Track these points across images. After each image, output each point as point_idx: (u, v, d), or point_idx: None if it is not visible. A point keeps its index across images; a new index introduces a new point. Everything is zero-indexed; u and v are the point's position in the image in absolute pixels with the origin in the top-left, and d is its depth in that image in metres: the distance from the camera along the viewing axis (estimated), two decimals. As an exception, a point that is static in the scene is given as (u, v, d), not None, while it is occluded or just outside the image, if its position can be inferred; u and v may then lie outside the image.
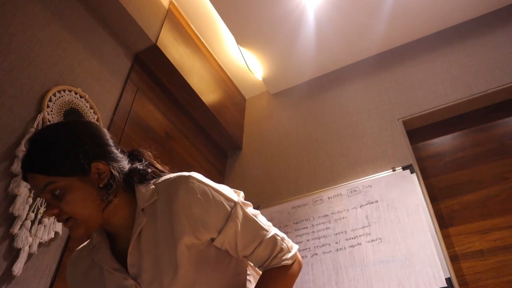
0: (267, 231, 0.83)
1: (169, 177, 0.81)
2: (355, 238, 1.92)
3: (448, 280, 1.61)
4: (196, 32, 2.65)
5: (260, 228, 0.82)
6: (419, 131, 2.29)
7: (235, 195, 0.83)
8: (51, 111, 1.48)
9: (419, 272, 1.68)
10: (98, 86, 1.76)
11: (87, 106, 1.65)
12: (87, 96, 1.66)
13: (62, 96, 1.55)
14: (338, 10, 2.38)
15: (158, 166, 0.88)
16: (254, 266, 0.87)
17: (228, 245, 0.80)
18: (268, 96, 3.04)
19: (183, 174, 0.79)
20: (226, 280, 0.81)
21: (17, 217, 1.24)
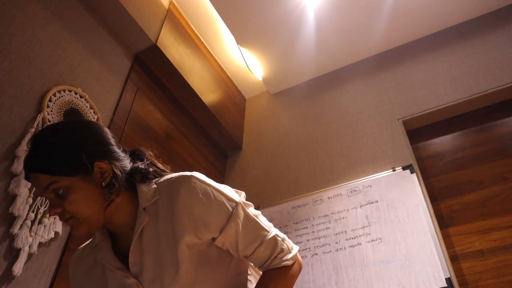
0: (268, 232, 0.83)
1: (171, 177, 0.81)
2: (355, 238, 1.92)
3: (448, 280, 1.61)
4: (196, 32, 2.65)
5: (261, 229, 0.82)
6: (419, 131, 2.29)
7: (237, 196, 0.83)
8: (51, 111, 1.48)
9: (419, 272, 1.68)
10: (98, 86, 1.76)
11: (87, 106, 1.65)
12: (87, 96, 1.66)
13: (62, 96, 1.55)
14: (338, 10, 2.38)
15: (160, 166, 0.88)
16: (255, 266, 0.87)
17: (229, 245, 0.80)
18: (268, 96, 3.05)
19: (185, 174, 0.79)
20: (227, 280, 0.82)
21: (17, 217, 1.24)
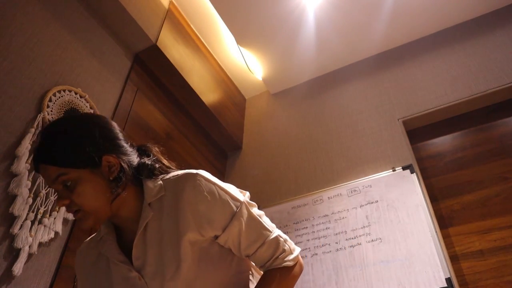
0: (271, 232, 0.84)
1: (177, 174, 0.82)
2: (355, 238, 1.92)
3: (448, 280, 1.61)
4: (196, 32, 2.65)
5: (264, 229, 0.83)
6: (419, 131, 2.29)
7: (241, 195, 0.84)
8: (51, 111, 1.48)
9: (419, 272, 1.68)
10: (98, 86, 1.76)
11: (87, 106, 1.65)
12: (87, 96, 1.66)
13: (62, 96, 1.55)
14: (338, 10, 2.38)
15: (165, 162, 0.90)
16: (256, 266, 0.87)
17: (232, 244, 0.81)
18: (268, 96, 3.05)
19: (191, 172, 0.81)
20: (228, 278, 0.82)
21: (17, 217, 1.24)
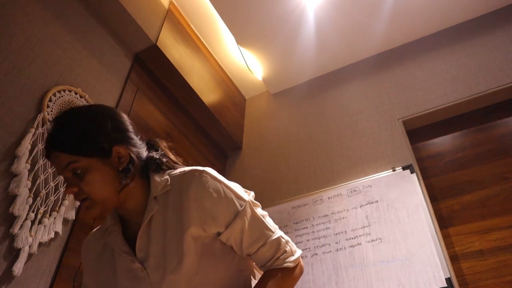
0: (273, 233, 0.84)
1: (184, 170, 0.84)
2: (355, 238, 1.92)
3: (448, 280, 1.61)
4: (196, 32, 2.65)
5: (267, 229, 0.84)
6: (419, 131, 2.29)
7: (246, 195, 0.86)
8: (51, 111, 1.48)
9: (419, 272, 1.68)
10: (98, 86, 1.76)
11: (87, 106, 1.65)
12: (87, 96, 1.66)
13: (62, 96, 1.55)
14: (338, 10, 2.38)
15: (172, 157, 0.91)
16: (256, 266, 0.87)
17: (234, 241, 0.81)
18: (268, 96, 3.05)
19: (198, 168, 0.82)
20: (229, 275, 0.83)
21: (17, 217, 1.24)
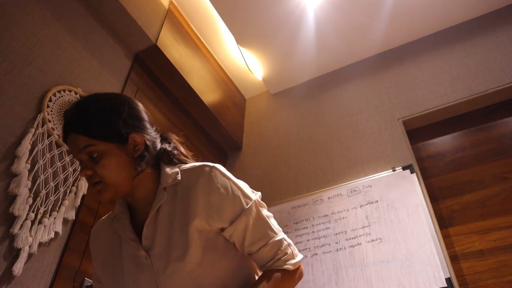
0: (276, 234, 0.85)
1: (194, 165, 0.86)
2: (355, 238, 1.92)
3: (448, 280, 1.61)
4: (196, 32, 2.65)
5: (270, 229, 0.85)
6: (419, 131, 2.29)
7: (253, 194, 0.88)
8: (51, 111, 1.48)
9: (419, 272, 1.68)
10: (98, 86, 1.76)
11: (87, 106, 1.65)
12: (87, 96, 1.66)
13: (62, 96, 1.55)
14: (338, 10, 2.38)
15: (183, 150, 0.93)
16: (256, 265, 0.87)
17: (236, 238, 0.82)
18: (268, 96, 3.05)
19: (208, 164, 0.85)
20: (230, 271, 0.83)
21: (17, 217, 1.24)
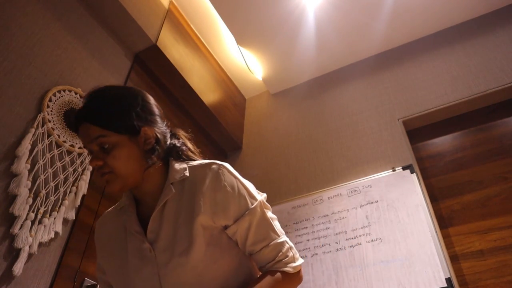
0: (279, 236, 0.85)
1: (203, 162, 0.87)
2: (355, 238, 1.92)
3: (448, 280, 1.61)
4: (196, 32, 2.65)
5: (273, 231, 0.85)
6: (419, 131, 2.29)
7: (258, 195, 0.88)
8: (51, 111, 1.48)
9: (419, 272, 1.68)
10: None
11: (87, 106, 1.65)
12: (87, 96, 1.66)
13: (62, 96, 1.55)
14: (338, 10, 2.38)
15: (190, 147, 0.94)
16: (256, 265, 0.87)
17: (239, 237, 0.83)
18: (268, 96, 3.05)
19: (216, 162, 0.86)
20: (231, 269, 0.83)
21: (17, 217, 1.24)
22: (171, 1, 2.38)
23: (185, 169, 0.85)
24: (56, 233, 1.37)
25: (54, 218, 1.37)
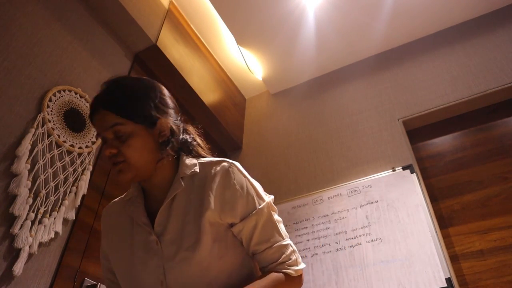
0: (283, 239, 0.86)
1: (214, 159, 0.88)
2: (355, 238, 1.92)
3: (448, 280, 1.61)
4: (196, 32, 2.65)
5: (278, 233, 0.85)
6: (419, 131, 2.29)
7: (266, 197, 0.89)
8: (51, 111, 1.48)
9: (419, 272, 1.68)
10: (98, 86, 1.75)
11: (87, 106, 1.65)
12: (87, 96, 1.66)
13: (62, 96, 1.55)
14: (338, 10, 2.38)
15: (199, 142, 0.94)
16: (258, 266, 0.88)
17: (244, 235, 0.83)
18: (268, 96, 3.05)
19: (228, 160, 0.87)
20: (235, 266, 0.84)
21: (17, 217, 1.24)
22: (171, 1, 2.38)
23: (195, 165, 0.86)
24: (56, 233, 1.37)
25: (54, 218, 1.37)
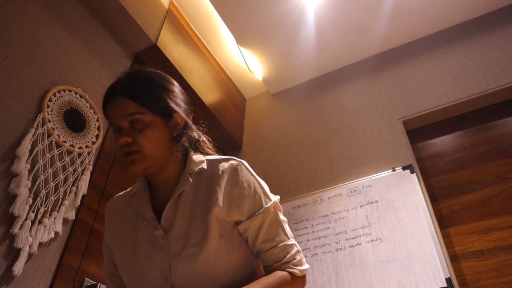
0: (288, 238, 0.86)
1: (222, 157, 0.89)
2: (355, 238, 1.92)
3: (448, 280, 1.61)
4: (196, 32, 2.65)
5: (284, 233, 0.86)
6: (419, 131, 2.29)
7: (273, 196, 0.90)
8: (51, 111, 1.48)
9: (419, 272, 1.68)
10: (98, 86, 1.76)
11: (87, 106, 1.65)
12: (87, 96, 1.66)
13: (62, 96, 1.55)
14: (338, 10, 2.38)
15: (205, 139, 0.96)
16: (263, 265, 0.88)
17: (250, 233, 0.84)
18: (268, 96, 3.05)
19: (236, 158, 0.88)
20: (241, 263, 0.84)
21: (17, 217, 1.24)
22: (171, 1, 2.38)
23: (203, 162, 0.86)
24: (56, 233, 1.37)
25: (54, 218, 1.37)
